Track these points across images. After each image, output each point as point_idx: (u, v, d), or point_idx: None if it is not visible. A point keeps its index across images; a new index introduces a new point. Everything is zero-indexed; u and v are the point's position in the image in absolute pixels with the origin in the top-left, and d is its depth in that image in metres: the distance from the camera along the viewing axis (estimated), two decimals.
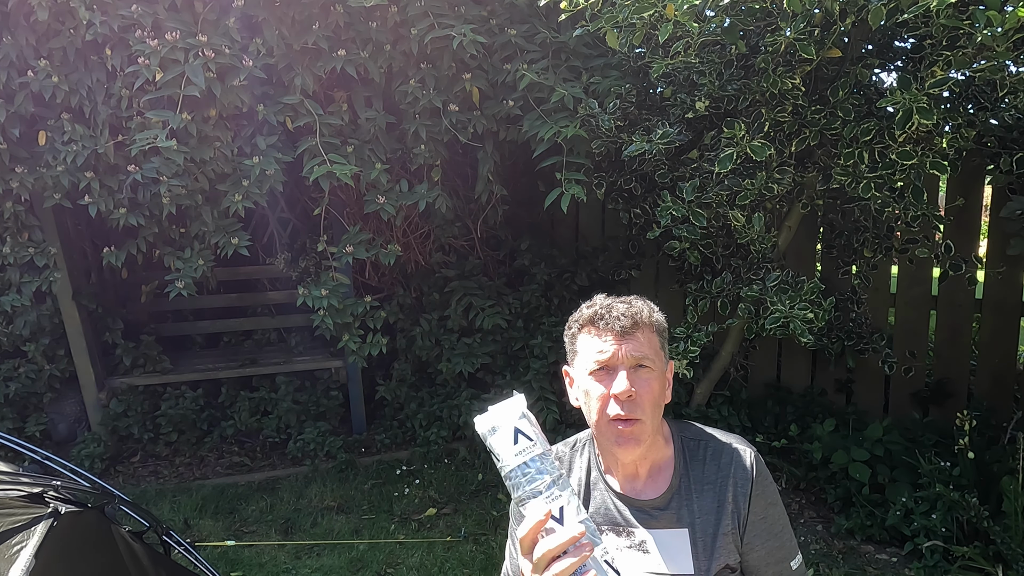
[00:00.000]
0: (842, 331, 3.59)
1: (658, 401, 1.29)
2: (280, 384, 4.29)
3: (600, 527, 1.32)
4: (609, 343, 1.27)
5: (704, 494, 1.33)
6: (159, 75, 2.76)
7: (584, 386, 1.31)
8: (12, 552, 1.51)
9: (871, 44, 2.86)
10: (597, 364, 1.28)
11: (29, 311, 3.71)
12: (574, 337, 1.37)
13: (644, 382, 1.27)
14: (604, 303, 1.34)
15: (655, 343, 1.31)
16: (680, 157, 3.11)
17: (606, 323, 1.29)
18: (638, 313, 1.30)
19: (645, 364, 1.27)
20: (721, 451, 1.36)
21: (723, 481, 1.33)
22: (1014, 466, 2.94)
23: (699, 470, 1.35)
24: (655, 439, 1.33)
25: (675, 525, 1.31)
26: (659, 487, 1.34)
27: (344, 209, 3.83)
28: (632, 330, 1.28)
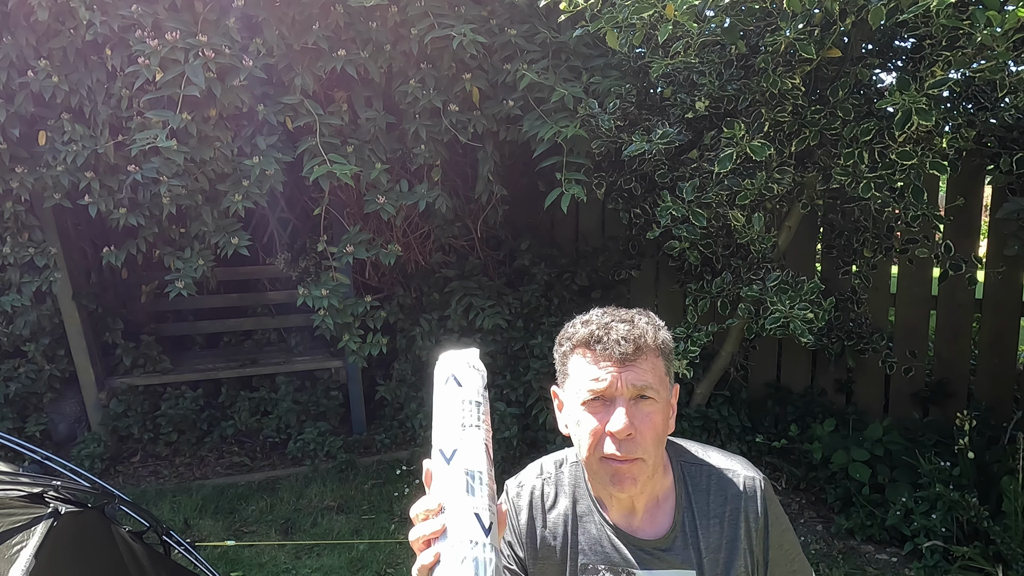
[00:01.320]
0: (842, 331, 3.59)
1: (661, 436, 1.13)
2: (280, 384, 4.29)
3: (596, 566, 1.20)
4: (606, 371, 1.10)
5: (710, 530, 1.18)
6: (159, 75, 2.76)
7: (575, 416, 1.14)
8: (12, 552, 1.52)
9: (871, 44, 2.86)
10: (591, 394, 1.11)
11: (29, 311, 3.71)
12: (565, 356, 1.18)
13: (646, 416, 1.10)
14: (602, 322, 1.15)
15: (659, 369, 1.14)
16: (680, 157, 3.11)
17: (604, 348, 1.11)
18: (641, 336, 1.12)
19: (647, 395, 1.11)
20: (727, 482, 1.21)
21: (733, 516, 1.18)
22: (1014, 466, 2.94)
23: (703, 502, 1.20)
24: (654, 473, 1.17)
25: (680, 566, 1.17)
26: (659, 523, 1.20)
27: (344, 209, 3.83)
28: (634, 357, 1.10)
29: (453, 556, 0.85)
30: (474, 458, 0.91)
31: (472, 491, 0.89)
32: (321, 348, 4.45)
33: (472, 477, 0.90)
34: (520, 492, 1.26)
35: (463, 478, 0.89)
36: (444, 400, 0.98)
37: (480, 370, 1.02)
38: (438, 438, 0.94)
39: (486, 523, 0.87)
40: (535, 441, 3.84)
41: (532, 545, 1.24)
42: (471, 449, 0.92)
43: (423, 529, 0.88)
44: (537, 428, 3.82)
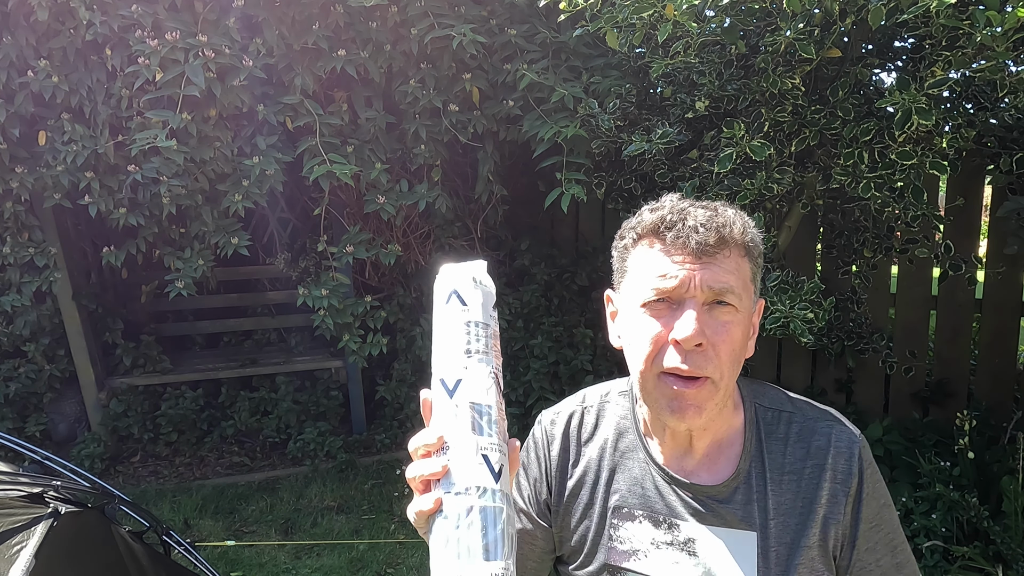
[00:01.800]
0: (842, 331, 3.59)
1: (738, 355, 0.91)
2: (280, 384, 4.29)
3: (633, 511, 1.00)
4: (678, 266, 0.89)
5: (783, 487, 0.96)
6: (159, 75, 2.76)
7: (632, 321, 0.93)
8: (12, 552, 1.51)
9: (871, 44, 2.86)
10: (656, 293, 0.90)
11: (29, 311, 3.71)
12: (626, 250, 0.98)
13: (722, 327, 0.89)
14: (677, 206, 0.93)
15: (744, 272, 0.92)
16: (680, 157, 3.11)
17: (677, 236, 0.90)
18: (726, 225, 0.91)
19: (727, 300, 0.89)
20: (813, 430, 0.97)
21: (815, 473, 0.95)
22: (1014, 466, 2.94)
23: (779, 453, 0.97)
24: (723, 407, 0.95)
25: (739, 525, 0.95)
26: (719, 470, 0.98)
27: (344, 209, 3.83)
28: (715, 249, 0.89)
29: (458, 505, 0.74)
30: (482, 391, 0.79)
31: (479, 429, 0.77)
32: (321, 348, 4.45)
33: (479, 412, 0.77)
34: (555, 420, 1.08)
35: (468, 413, 0.77)
36: (445, 322, 0.83)
37: (488, 286, 0.86)
38: (439, 366, 0.81)
39: (495, 466, 0.76)
40: None
41: (561, 480, 1.05)
42: (478, 379, 0.79)
43: (422, 468, 0.75)
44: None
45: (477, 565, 0.71)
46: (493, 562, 0.72)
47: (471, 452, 0.75)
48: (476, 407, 0.77)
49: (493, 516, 0.73)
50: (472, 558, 0.72)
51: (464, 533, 0.72)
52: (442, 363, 0.81)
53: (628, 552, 0.99)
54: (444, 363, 0.80)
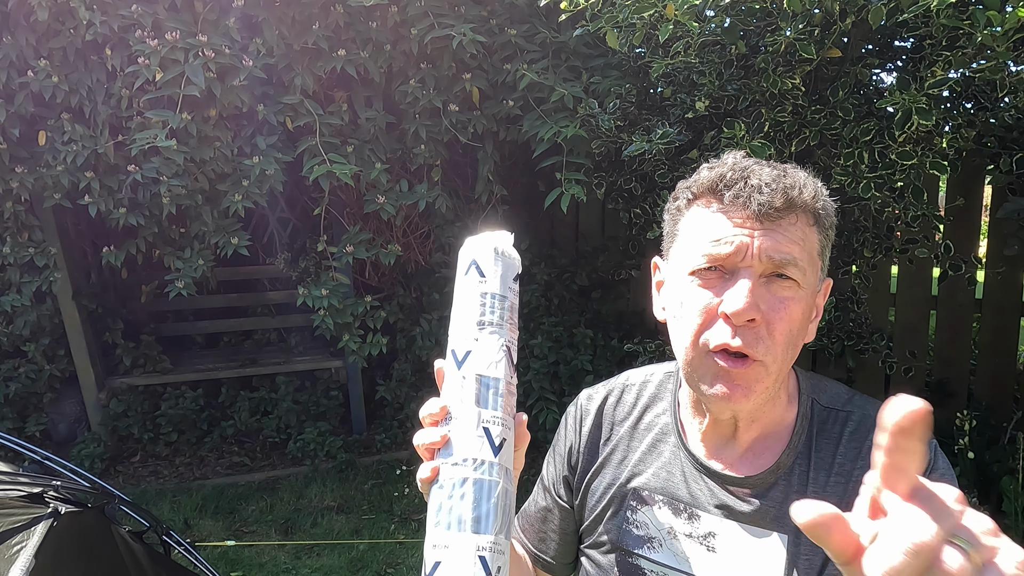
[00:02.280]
0: (842, 331, 3.59)
1: (795, 337, 0.81)
2: (280, 384, 4.29)
3: (653, 495, 0.93)
4: (735, 229, 0.79)
5: (829, 490, 0.85)
6: (159, 75, 2.76)
7: (679, 291, 0.84)
8: (12, 552, 1.51)
9: (871, 44, 2.86)
10: (707, 260, 0.80)
11: (29, 311, 3.71)
12: (679, 212, 0.87)
13: (780, 303, 0.79)
14: (740, 163, 0.83)
15: (812, 243, 0.82)
16: (680, 157, 3.11)
17: (737, 195, 0.80)
18: (795, 187, 0.80)
19: (788, 274, 0.79)
20: (869, 428, 0.84)
21: (863, 474, 0.84)
22: (1014, 466, 2.95)
23: (828, 451, 0.87)
24: (777, 394, 0.87)
25: (769, 525, 0.85)
26: (759, 466, 0.88)
27: (344, 209, 3.83)
28: (780, 214, 0.79)
29: (452, 475, 0.74)
30: (490, 362, 0.78)
31: (484, 401, 0.76)
32: (321, 348, 4.45)
33: (486, 385, 0.76)
34: (592, 396, 1.03)
35: (474, 386, 0.76)
36: (462, 292, 0.82)
37: (511, 257, 0.83)
38: (453, 336, 0.81)
39: (496, 439, 0.75)
40: (535, 442, 3.83)
41: (590, 458, 1.00)
42: (487, 351, 0.78)
43: (424, 437, 0.74)
44: (537, 428, 3.81)
45: (465, 536, 0.71)
46: (482, 535, 0.71)
47: (472, 424, 0.75)
48: (483, 379, 0.76)
49: (488, 489, 0.73)
50: (461, 529, 0.71)
51: (456, 503, 0.72)
52: (455, 333, 0.80)
53: (643, 538, 0.93)
54: (457, 333, 0.80)
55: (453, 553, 0.71)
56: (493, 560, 0.71)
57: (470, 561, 0.71)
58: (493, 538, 0.72)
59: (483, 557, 0.71)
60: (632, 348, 3.05)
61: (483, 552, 0.71)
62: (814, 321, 0.86)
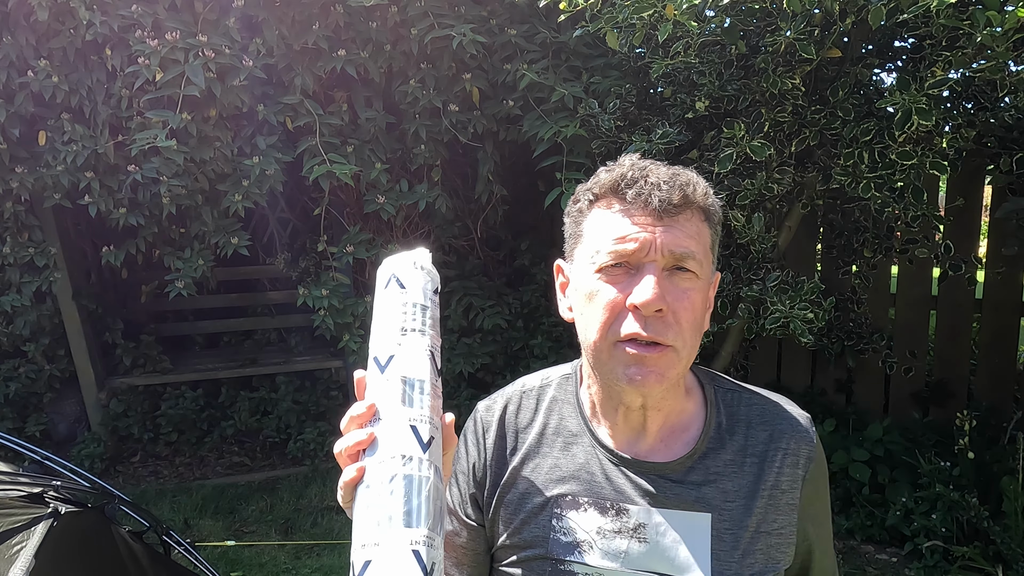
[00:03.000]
0: (842, 331, 3.59)
1: (698, 325, 0.87)
2: (280, 384, 4.29)
3: (578, 499, 0.92)
4: (638, 227, 0.84)
5: (745, 470, 0.91)
6: (159, 75, 2.76)
7: (587, 287, 0.87)
8: (12, 552, 1.52)
9: (871, 44, 2.86)
10: (613, 257, 0.84)
11: (29, 311, 3.71)
12: (581, 214, 0.92)
13: (683, 294, 0.84)
14: (637, 164, 0.88)
15: (705, 238, 0.87)
16: (680, 157, 3.11)
17: (638, 194, 0.84)
18: (689, 184, 0.86)
19: (687, 266, 0.84)
20: (775, 413, 0.94)
21: (776, 456, 0.91)
22: (1014, 466, 2.94)
23: (739, 434, 0.93)
24: (679, 382, 0.91)
25: (693, 507, 0.89)
26: (675, 452, 0.92)
27: (344, 209, 3.83)
28: (678, 210, 0.84)
29: (380, 473, 0.70)
30: (414, 366, 0.77)
31: (410, 401, 0.74)
32: (321, 348, 4.45)
33: (411, 386, 0.75)
34: (491, 407, 1.01)
35: (399, 387, 0.75)
36: (384, 304, 0.82)
37: (429, 271, 0.86)
38: (374, 345, 0.80)
39: (424, 437, 0.73)
40: None
41: (498, 471, 0.97)
42: (411, 356, 0.77)
43: (349, 439, 0.73)
44: None
45: (397, 531, 0.67)
46: (414, 529, 0.68)
47: (400, 422, 0.73)
48: (407, 380, 0.76)
49: (417, 484, 0.70)
50: (392, 524, 0.68)
51: (385, 500, 0.69)
52: (378, 341, 0.80)
53: (572, 544, 0.91)
54: (379, 342, 0.80)
55: (384, 550, 0.67)
56: (428, 555, 0.67)
57: (403, 556, 0.66)
58: (427, 532, 0.68)
59: (417, 551, 0.67)
60: None
61: (416, 546, 0.67)
62: (708, 311, 0.91)
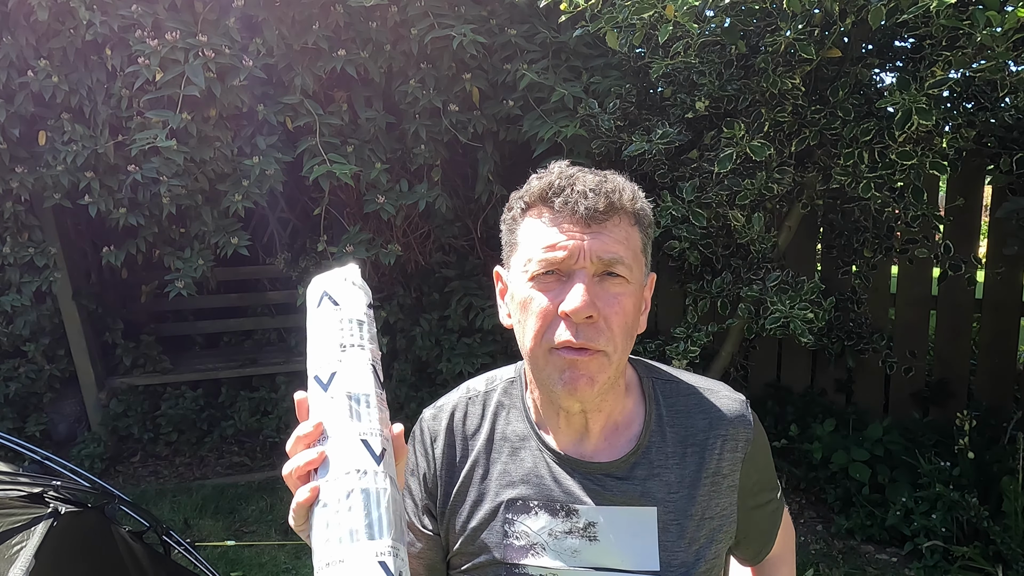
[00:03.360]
0: (842, 331, 3.59)
1: (630, 328, 0.88)
2: (280, 384, 4.29)
3: (528, 503, 0.94)
4: (566, 235, 0.86)
5: (688, 460, 0.94)
6: (159, 75, 2.76)
7: (521, 295, 0.89)
8: (12, 552, 1.52)
9: (871, 44, 2.86)
10: (543, 266, 0.86)
11: (29, 311, 3.71)
12: (514, 222, 0.93)
13: (613, 299, 0.86)
14: (565, 172, 0.90)
15: (635, 242, 0.89)
16: (680, 157, 3.11)
17: (565, 202, 0.86)
18: (616, 191, 0.88)
19: (617, 271, 0.86)
20: (711, 401, 0.98)
21: (716, 443, 0.95)
22: (1014, 466, 2.95)
23: (679, 425, 0.96)
24: (617, 383, 0.93)
25: (639, 502, 0.92)
26: (619, 450, 0.95)
27: (344, 209, 3.83)
28: (604, 216, 0.86)
29: (336, 490, 0.69)
30: (358, 380, 0.75)
31: (357, 415, 0.73)
32: None
33: (356, 400, 0.74)
34: (438, 415, 1.01)
35: (345, 403, 0.74)
36: (319, 323, 0.80)
37: (362, 287, 0.85)
38: (313, 364, 0.78)
39: (376, 449, 0.71)
40: None
41: (449, 479, 0.98)
42: (354, 371, 0.76)
43: (299, 460, 0.71)
44: None
45: (360, 545, 0.66)
46: (378, 540, 0.66)
47: (350, 437, 0.72)
48: (353, 396, 0.74)
49: (376, 496, 0.69)
50: (355, 539, 0.66)
51: (344, 516, 0.67)
52: (317, 360, 0.78)
53: (525, 547, 0.93)
54: (318, 360, 0.78)
55: (350, 566, 0.65)
56: (395, 565, 0.66)
57: (370, 568, 0.65)
58: (391, 542, 0.67)
59: (383, 562, 0.65)
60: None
61: (383, 557, 0.66)
62: (644, 313, 0.93)
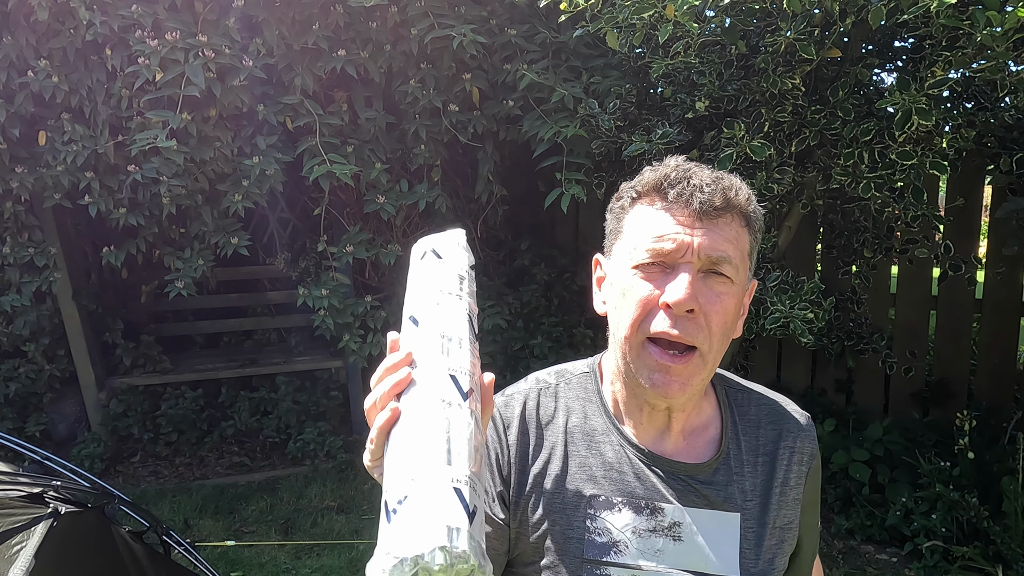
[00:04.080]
0: (842, 331, 3.59)
1: (728, 330, 0.87)
2: (280, 384, 4.29)
3: (611, 499, 0.91)
4: (677, 227, 0.84)
5: (759, 469, 0.95)
6: (159, 75, 2.76)
7: (622, 283, 0.87)
8: (12, 552, 1.51)
9: (871, 44, 2.86)
10: (650, 255, 0.84)
11: (29, 311, 3.71)
12: (623, 211, 0.92)
13: (716, 297, 0.84)
14: (682, 165, 0.89)
15: (744, 244, 0.88)
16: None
17: (680, 194, 0.85)
18: (732, 188, 0.86)
19: (723, 271, 0.85)
20: (781, 413, 0.99)
21: (786, 455, 0.95)
22: (1014, 466, 2.94)
23: (750, 435, 0.96)
24: (706, 384, 0.92)
25: (723, 506, 0.91)
26: (698, 452, 0.94)
27: (344, 209, 3.83)
28: (718, 212, 0.84)
29: (418, 413, 0.65)
30: (452, 323, 0.73)
31: (447, 352, 0.70)
32: (321, 348, 4.45)
33: (448, 339, 0.71)
34: (509, 403, 0.97)
35: (437, 339, 0.71)
36: (419, 274, 0.79)
37: (466, 249, 0.83)
38: (410, 307, 0.76)
39: (464, 387, 0.68)
40: None
41: (522, 468, 0.93)
42: (449, 314, 0.73)
43: (385, 384, 0.69)
44: None
45: (438, 467, 0.61)
46: (455, 467, 0.61)
47: (438, 370, 0.69)
48: (445, 335, 0.71)
49: (459, 426, 0.64)
50: (432, 460, 0.61)
51: (424, 437, 0.63)
52: (414, 303, 0.76)
53: (607, 544, 0.90)
54: (415, 303, 0.76)
55: (422, 485, 0.60)
56: (470, 496, 0.60)
57: (444, 492, 0.59)
58: (469, 473, 0.62)
59: (459, 490, 0.60)
60: None
61: (459, 484, 0.60)
62: (742, 318, 0.92)
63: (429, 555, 0.56)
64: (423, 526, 0.58)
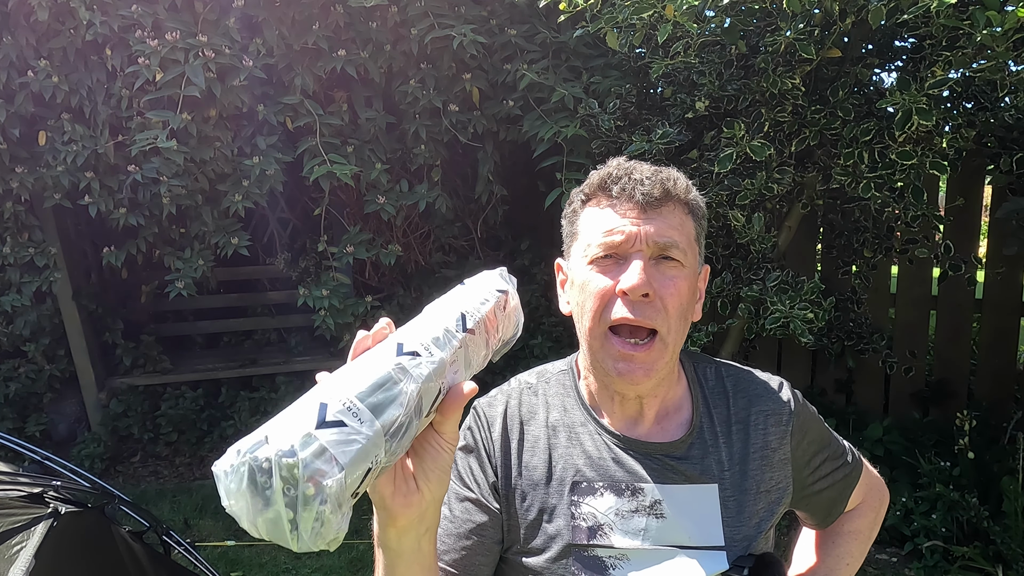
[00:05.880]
0: (842, 331, 3.59)
1: (685, 310, 0.92)
2: (280, 384, 4.29)
3: (593, 484, 0.95)
4: (624, 220, 0.91)
5: (733, 438, 0.98)
6: (159, 75, 2.76)
7: (580, 279, 0.94)
8: (12, 552, 1.51)
9: (871, 44, 2.86)
10: (603, 249, 0.91)
11: (29, 311, 3.71)
12: (575, 214, 1.00)
13: (668, 280, 0.90)
14: (623, 164, 0.95)
15: (689, 229, 0.94)
16: (680, 157, 3.11)
17: (623, 189, 0.92)
18: (670, 179, 0.93)
19: (672, 255, 0.91)
20: (749, 380, 1.03)
21: (759, 419, 0.99)
22: (1014, 466, 2.94)
23: (723, 406, 1.00)
24: (671, 370, 0.97)
25: (700, 479, 0.95)
26: (672, 432, 0.98)
27: (344, 209, 3.83)
28: (660, 203, 0.91)
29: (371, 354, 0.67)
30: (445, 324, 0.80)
31: (433, 336, 0.76)
32: (321, 348, 4.45)
33: (441, 334, 0.78)
34: (493, 403, 1.03)
35: (431, 322, 0.80)
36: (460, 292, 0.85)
37: (505, 279, 0.87)
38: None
39: (418, 351, 0.71)
40: None
41: (506, 463, 0.99)
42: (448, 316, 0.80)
43: (364, 340, 0.72)
44: None
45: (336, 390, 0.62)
46: (345, 390, 0.63)
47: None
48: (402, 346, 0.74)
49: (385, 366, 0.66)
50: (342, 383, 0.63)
51: (355, 372, 0.64)
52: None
53: (593, 528, 0.94)
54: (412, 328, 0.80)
55: (303, 398, 0.62)
56: (338, 414, 0.60)
57: (310, 404, 0.61)
58: (354, 397, 0.62)
59: (325, 404, 0.61)
60: None
61: (327, 400, 0.61)
62: (699, 302, 0.98)
63: (256, 447, 0.58)
64: (270, 426, 0.61)
